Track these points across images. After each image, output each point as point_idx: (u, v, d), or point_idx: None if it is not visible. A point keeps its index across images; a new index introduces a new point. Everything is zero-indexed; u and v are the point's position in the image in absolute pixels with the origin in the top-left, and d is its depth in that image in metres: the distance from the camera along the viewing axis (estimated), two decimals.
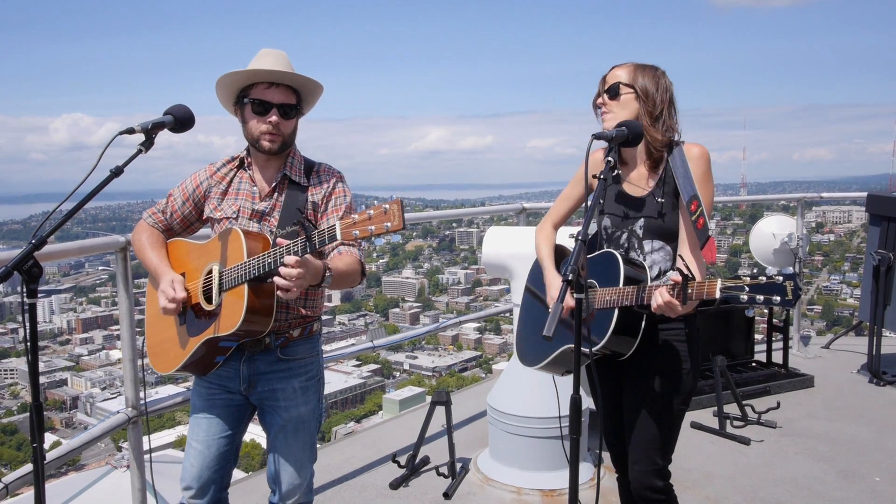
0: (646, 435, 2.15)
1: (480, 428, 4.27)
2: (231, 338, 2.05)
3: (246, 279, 1.97)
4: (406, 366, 43.20)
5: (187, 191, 2.27)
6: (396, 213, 1.73)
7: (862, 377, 5.35)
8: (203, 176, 2.27)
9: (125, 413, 2.79)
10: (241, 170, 2.24)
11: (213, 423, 2.22)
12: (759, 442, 4.08)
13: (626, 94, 2.13)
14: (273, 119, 2.12)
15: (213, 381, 2.23)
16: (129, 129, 1.94)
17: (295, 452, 2.23)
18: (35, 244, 1.69)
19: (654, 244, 2.16)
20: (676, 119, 2.16)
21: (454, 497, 3.42)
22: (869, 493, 3.44)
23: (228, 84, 2.15)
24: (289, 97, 2.15)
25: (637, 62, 2.17)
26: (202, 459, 2.21)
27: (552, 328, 1.66)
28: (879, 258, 5.12)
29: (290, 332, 2.20)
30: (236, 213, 2.19)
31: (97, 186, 1.84)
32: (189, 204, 2.27)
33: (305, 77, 2.14)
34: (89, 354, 45.07)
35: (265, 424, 2.26)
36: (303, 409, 2.23)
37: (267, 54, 2.15)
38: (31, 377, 1.73)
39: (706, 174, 2.11)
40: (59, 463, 2.51)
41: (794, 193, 6.68)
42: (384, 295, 54.08)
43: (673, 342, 2.15)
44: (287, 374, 2.20)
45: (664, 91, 2.13)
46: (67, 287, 55.75)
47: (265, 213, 2.18)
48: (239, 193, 2.21)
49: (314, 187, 2.22)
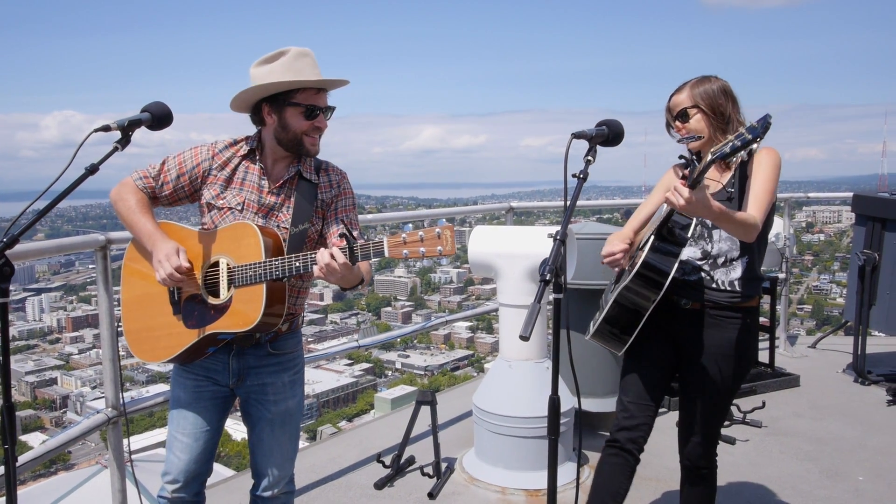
0: (707, 411, 2.37)
1: (466, 428, 4.26)
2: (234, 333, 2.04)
3: (266, 279, 1.96)
4: (398, 365, 43.14)
5: (185, 166, 2.18)
6: (449, 238, 1.78)
7: (847, 377, 5.38)
8: (205, 154, 2.19)
9: (105, 413, 2.77)
10: (247, 159, 2.20)
11: (200, 414, 2.21)
12: (745, 441, 4.10)
13: (694, 115, 2.31)
14: (323, 124, 2.15)
15: (199, 373, 2.20)
16: (104, 126, 1.92)
17: (282, 444, 2.26)
18: (6, 243, 1.67)
19: (721, 233, 2.31)
20: (742, 114, 2.31)
21: (439, 497, 3.41)
22: (853, 491, 3.46)
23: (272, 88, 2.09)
24: (326, 99, 2.17)
25: (690, 80, 2.34)
26: (190, 452, 2.20)
27: (529, 329, 1.65)
28: (865, 258, 5.14)
29: (280, 327, 2.19)
30: (241, 204, 2.14)
31: (72, 184, 1.82)
32: (184, 179, 2.18)
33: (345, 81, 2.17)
34: (79, 353, 44.78)
35: (250, 417, 2.25)
36: (290, 403, 2.25)
37: (301, 56, 2.10)
38: (3, 378, 1.72)
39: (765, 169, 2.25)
40: (36, 463, 2.48)
41: (783, 193, 6.70)
42: (376, 294, 53.99)
43: (739, 329, 2.33)
44: (277, 369, 2.22)
45: (723, 95, 2.29)
46: (57, 285, 55.39)
47: (273, 207, 2.15)
48: (244, 184, 2.17)
49: (324, 185, 2.22)
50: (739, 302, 2.33)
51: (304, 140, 2.13)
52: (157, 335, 2.15)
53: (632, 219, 2.59)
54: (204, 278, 2.09)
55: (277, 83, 2.06)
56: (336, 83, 2.16)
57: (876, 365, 5.43)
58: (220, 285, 2.05)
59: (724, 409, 2.43)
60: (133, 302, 2.20)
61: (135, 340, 2.20)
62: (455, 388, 5.60)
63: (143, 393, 2.81)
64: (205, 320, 2.06)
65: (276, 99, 2.10)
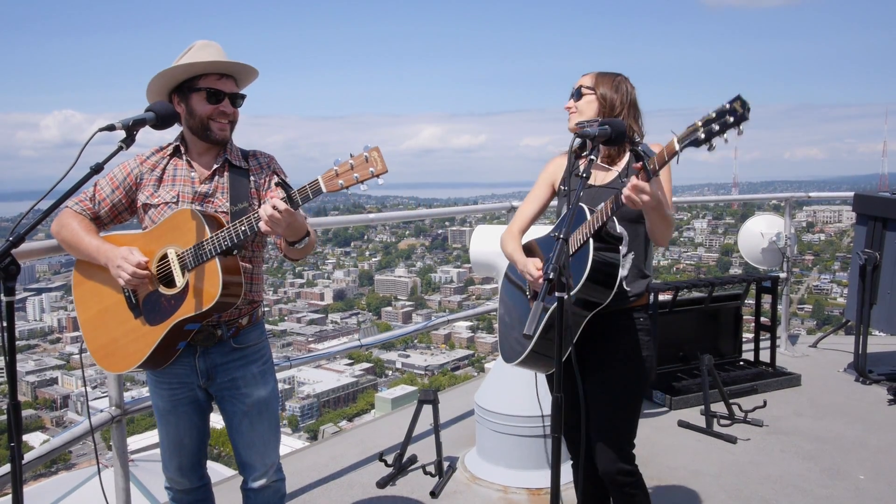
0: (613, 422, 2.26)
1: (467, 427, 4.27)
2: (200, 317, 2.05)
3: (217, 252, 1.99)
4: (398, 364, 43.14)
5: (116, 179, 2.23)
6: (378, 158, 1.81)
7: (848, 376, 5.38)
8: (133, 164, 2.25)
9: (108, 412, 2.77)
10: (174, 158, 2.25)
11: (181, 420, 2.28)
12: (746, 440, 4.10)
13: (588, 96, 2.31)
14: (227, 108, 2.17)
15: (171, 380, 2.25)
16: (109, 125, 1.93)
17: (262, 434, 2.30)
18: (12, 242, 1.68)
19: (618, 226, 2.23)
20: (641, 122, 2.32)
21: (441, 496, 3.42)
22: (853, 490, 3.46)
23: (177, 75, 2.15)
24: (234, 87, 2.20)
25: (601, 71, 2.36)
26: (180, 455, 2.31)
27: (533, 326, 1.67)
28: (866, 257, 5.15)
29: (240, 321, 2.25)
30: (175, 197, 2.19)
31: (77, 183, 1.84)
32: (119, 192, 2.22)
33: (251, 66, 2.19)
34: (80, 353, 44.72)
35: (227, 413, 2.30)
36: (263, 392, 2.30)
37: (206, 46, 2.18)
38: (9, 376, 1.72)
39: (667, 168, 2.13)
40: (39, 462, 2.49)
41: (784, 193, 6.71)
42: (377, 294, 53.98)
43: (631, 330, 2.26)
44: (244, 362, 2.26)
45: (624, 94, 2.29)
46: (58, 285, 55.38)
47: (208, 194, 2.19)
48: (176, 179, 2.22)
49: (254, 168, 2.28)
50: (631, 302, 2.26)
51: (212, 125, 2.17)
52: (123, 343, 2.17)
53: (516, 220, 2.47)
54: (157, 273, 2.11)
55: (174, 68, 2.12)
56: (235, 66, 2.16)
57: (877, 364, 5.44)
58: (174, 273, 2.07)
59: (632, 414, 2.29)
60: (91, 321, 2.23)
61: (102, 356, 2.21)
62: (456, 387, 5.61)
63: (144, 393, 2.81)
64: (167, 312, 2.08)
65: (181, 88, 2.17)
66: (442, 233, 58.85)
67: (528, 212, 2.46)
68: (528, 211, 2.46)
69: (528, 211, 2.46)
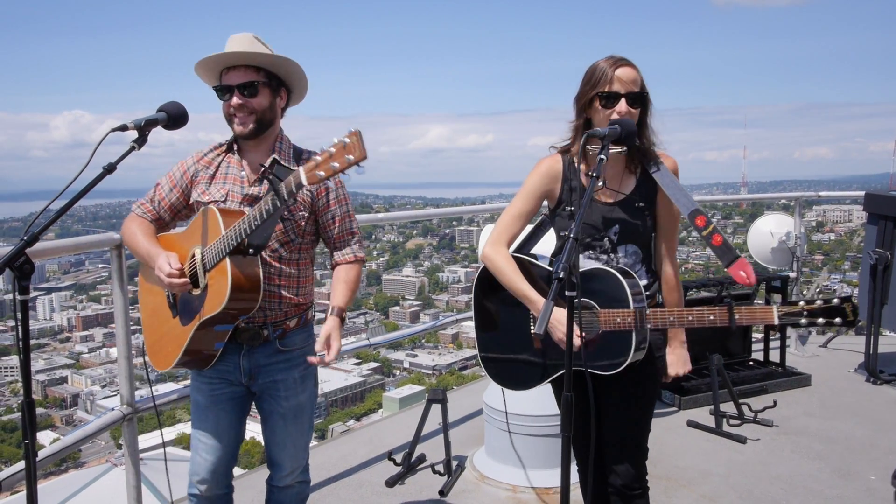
0: (631, 433, 2.21)
1: (477, 426, 4.27)
2: (221, 318, 2.03)
3: (226, 252, 1.97)
4: (406, 364, 43.20)
5: (174, 178, 2.25)
6: (356, 143, 1.73)
7: (859, 376, 5.35)
8: (190, 162, 2.26)
9: (120, 410, 2.79)
10: (229, 153, 2.24)
11: (220, 416, 2.26)
12: (756, 440, 4.09)
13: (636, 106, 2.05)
14: (234, 101, 2.10)
15: (213, 376, 2.24)
16: (122, 126, 1.94)
17: (294, 437, 2.30)
18: (27, 241, 1.69)
19: (627, 248, 2.16)
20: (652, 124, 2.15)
21: (450, 495, 3.42)
22: (864, 491, 3.44)
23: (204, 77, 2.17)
24: (248, 76, 2.09)
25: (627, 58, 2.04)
26: (215, 453, 2.26)
27: (543, 326, 1.65)
28: (877, 257, 5.11)
29: (287, 323, 2.22)
30: (225, 196, 2.18)
31: (90, 183, 1.84)
32: (177, 191, 2.25)
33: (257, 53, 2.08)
34: (89, 352, 45.05)
35: (263, 410, 2.30)
36: (301, 398, 2.29)
37: (231, 39, 2.14)
38: (24, 374, 1.74)
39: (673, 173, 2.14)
40: (52, 460, 2.51)
41: (794, 192, 6.67)
42: (384, 293, 54.06)
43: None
44: (287, 366, 2.24)
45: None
46: (68, 284, 55.75)
47: (259, 197, 2.15)
48: (227, 177, 2.21)
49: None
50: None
51: (233, 121, 2.15)
52: (164, 342, 2.22)
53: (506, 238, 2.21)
54: (189, 273, 2.12)
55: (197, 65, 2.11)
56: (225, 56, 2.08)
57: (888, 364, 5.39)
58: (198, 274, 2.08)
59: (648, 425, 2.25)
60: (146, 320, 2.31)
61: (152, 352, 2.28)
62: (464, 387, 5.61)
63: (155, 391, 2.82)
64: (194, 312, 2.09)
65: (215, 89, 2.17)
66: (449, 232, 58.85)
67: (516, 229, 2.22)
68: (516, 228, 2.22)
69: (516, 228, 2.22)
